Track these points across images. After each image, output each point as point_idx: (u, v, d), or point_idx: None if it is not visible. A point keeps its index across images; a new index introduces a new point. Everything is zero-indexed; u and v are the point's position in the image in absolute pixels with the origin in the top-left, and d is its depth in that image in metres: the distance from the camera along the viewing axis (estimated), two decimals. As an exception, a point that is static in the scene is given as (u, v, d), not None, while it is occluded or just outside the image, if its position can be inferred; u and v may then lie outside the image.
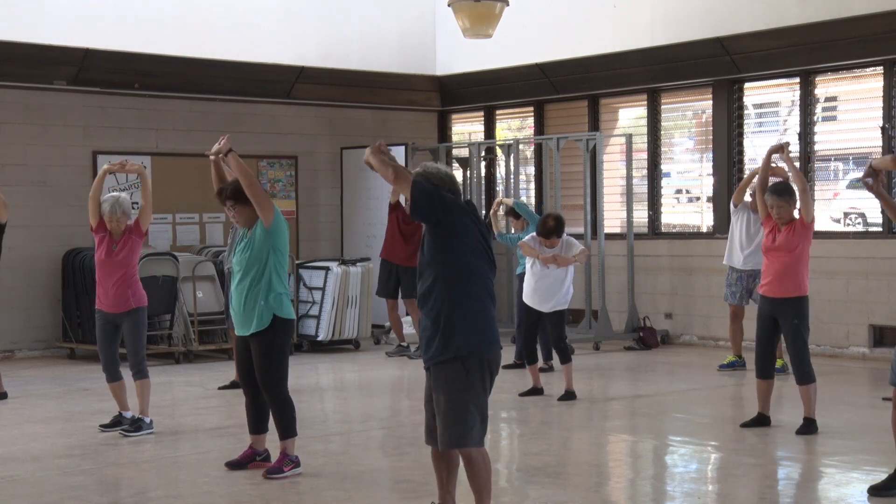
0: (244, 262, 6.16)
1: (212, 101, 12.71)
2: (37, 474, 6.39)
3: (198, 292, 11.48)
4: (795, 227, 7.27)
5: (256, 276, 6.10)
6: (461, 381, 4.75)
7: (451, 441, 4.78)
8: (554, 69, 13.00)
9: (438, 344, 4.76)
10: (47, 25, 11.38)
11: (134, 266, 7.47)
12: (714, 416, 8.25)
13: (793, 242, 7.24)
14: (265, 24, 12.85)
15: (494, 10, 10.95)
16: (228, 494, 5.93)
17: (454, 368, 4.75)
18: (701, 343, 12.05)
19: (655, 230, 12.61)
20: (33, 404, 8.82)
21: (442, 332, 4.75)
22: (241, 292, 6.14)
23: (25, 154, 11.69)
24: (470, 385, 4.77)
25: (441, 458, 5.00)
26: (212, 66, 12.36)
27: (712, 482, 6.38)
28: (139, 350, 7.47)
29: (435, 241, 4.79)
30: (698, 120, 12.63)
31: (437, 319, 4.76)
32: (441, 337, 4.75)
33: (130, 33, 11.83)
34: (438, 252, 4.77)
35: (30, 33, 11.25)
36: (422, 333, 4.91)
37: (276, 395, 6.19)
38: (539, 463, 6.63)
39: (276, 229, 6.13)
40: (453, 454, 4.95)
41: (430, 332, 4.81)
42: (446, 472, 5.04)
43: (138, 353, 7.46)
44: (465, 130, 14.74)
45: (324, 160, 13.65)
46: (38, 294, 11.73)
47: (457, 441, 4.77)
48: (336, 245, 13.63)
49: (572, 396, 8.65)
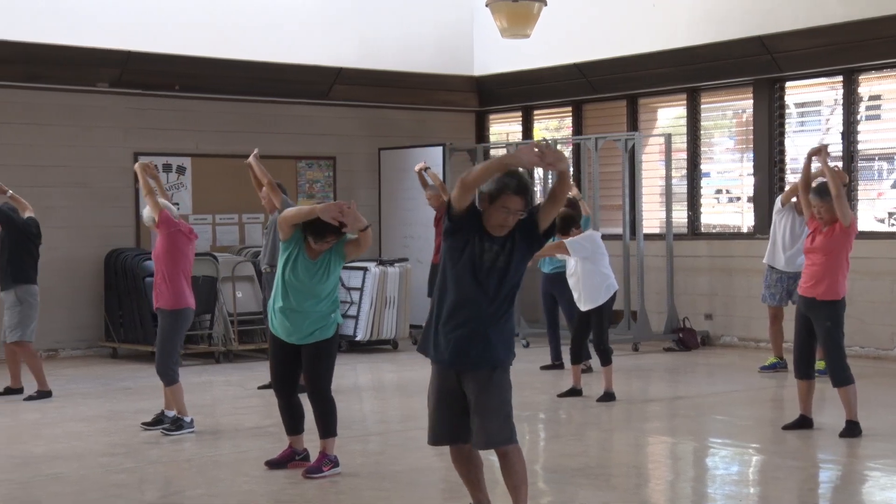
0: (324, 289, 6.15)
1: (251, 103, 12.79)
2: (80, 472, 6.46)
3: (237, 292, 11.55)
4: (835, 229, 7.17)
5: (332, 295, 6.21)
6: (508, 383, 4.89)
7: (502, 439, 4.82)
8: (592, 69, 12.94)
9: (492, 349, 4.80)
10: (90, 29, 11.50)
11: (163, 263, 7.40)
12: (755, 417, 8.17)
13: (830, 245, 7.15)
14: (304, 26, 12.91)
15: (532, 10, 10.92)
16: (268, 494, 5.95)
17: (505, 371, 4.88)
18: (741, 344, 11.94)
19: (695, 230, 12.52)
20: (76, 403, 8.92)
21: (493, 336, 4.81)
22: (313, 306, 6.12)
23: (67, 155, 11.83)
24: (510, 386, 4.92)
25: (468, 459, 5.01)
26: (251, 67, 12.44)
27: (753, 485, 6.32)
28: (159, 353, 7.45)
29: (524, 255, 4.84)
30: (738, 119, 12.52)
31: (494, 326, 4.80)
32: (495, 343, 4.81)
33: (171, 36, 11.94)
34: (522, 265, 4.84)
35: (73, 37, 11.38)
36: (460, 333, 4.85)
37: (326, 396, 6.25)
38: (578, 464, 6.60)
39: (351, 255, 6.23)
40: (476, 454, 5.00)
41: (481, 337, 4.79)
42: (475, 470, 5.05)
43: (158, 355, 7.46)
44: (502, 131, 14.72)
45: (362, 161, 13.69)
46: (81, 294, 11.86)
47: (506, 439, 4.82)
48: (374, 245, 13.66)
49: (611, 398, 8.61)
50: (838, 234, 7.17)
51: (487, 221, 4.76)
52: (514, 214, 4.71)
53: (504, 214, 4.71)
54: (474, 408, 4.83)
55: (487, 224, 4.76)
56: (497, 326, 4.81)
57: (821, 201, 7.18)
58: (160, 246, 7.44)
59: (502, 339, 4.84)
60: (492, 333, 4.80)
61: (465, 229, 4.77)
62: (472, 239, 4.77)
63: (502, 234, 4.77)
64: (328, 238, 6.05)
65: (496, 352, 4.82)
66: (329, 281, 6.18)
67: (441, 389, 4.91)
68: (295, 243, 6.13)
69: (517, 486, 4.87)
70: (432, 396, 4.96)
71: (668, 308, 11.98)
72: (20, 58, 11.22)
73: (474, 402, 4.83)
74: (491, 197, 4.72)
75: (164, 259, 7.40)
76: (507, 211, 4.70)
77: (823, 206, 7.18)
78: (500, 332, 4.83)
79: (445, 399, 4.91)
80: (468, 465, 5.03)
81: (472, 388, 4.83)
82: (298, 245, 6.13)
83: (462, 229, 4.77)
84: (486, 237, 4.77)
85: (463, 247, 4.78)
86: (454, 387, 4.88)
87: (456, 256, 4.80)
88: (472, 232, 4.77)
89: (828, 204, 7.18)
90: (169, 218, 7.42)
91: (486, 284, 4.76)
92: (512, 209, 4.69)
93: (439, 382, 4.92)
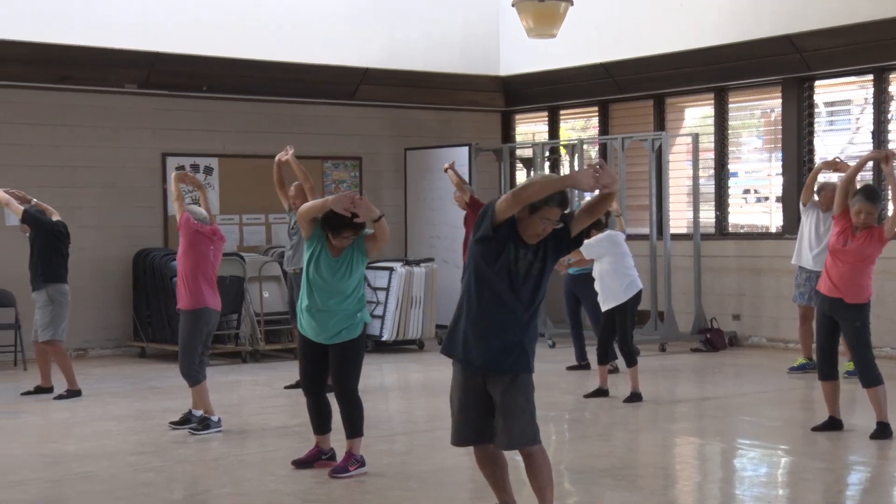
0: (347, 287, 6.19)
1: (277, 103, 12.84)
2: (109, 471, 6.50)
3: (264, 292, 11.60)
4: (873, 234, 6.98)
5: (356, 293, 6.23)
6: (531, 385, 4.92)
7: (527, 439, 4.84)
8: (619, 68, 12.90)
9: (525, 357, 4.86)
10: (118, 31, 11.59)
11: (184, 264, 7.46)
12: (784, 419, 8.11)
13: (867, 250, 6.99)
14: (330, 27, 12.94)
15: (559, 10, 10.90)
16: (295, 493, 5.97)
17: (530, 375, 4.91)
18: (770, 345, 11.86)
19: (722, 230, 12.45)
20: (105, 402, 8.98)
21: (527, 344, 4.87)
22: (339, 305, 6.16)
23: (97, 156, 11.91)
24: (534, 387, 4.94)
25: (494, 460, 5.01)
26: (277, 68, 12.49)
27: (782, 486, 6.27)
28: (181, 352, 7.48)
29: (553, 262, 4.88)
30: (767, 119, 12.43)
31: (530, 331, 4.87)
32: (529, 350, 4.88)
33: (198, 37, 12.00)
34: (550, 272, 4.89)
35: (102, 38, 11.46)
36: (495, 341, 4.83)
37: (352, 396, 6.26)
38: (605, 465, 6.57)
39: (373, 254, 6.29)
40: (501, 455, 5.01)
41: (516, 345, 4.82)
42: (500, 471, 5.05)
43: (180, 355, 7.50)
44: (528, 131, 14.69)
45: (388, 161, 13.71)
46: (110, 294, 11.95)
47: (531, 440, 4.84)
48: (400, 246, 13.67)
49: (638, 398, 8.58)
50: (876, 240, 6.98)
51: (524, 230, 4.78)
52: (551, 225, 4.78)
53: (543, 225, 4.77)
54: (499, 409, 4.83)
55: (524, 233, 4.78)
56: (529, 333, 4.88)
57: (872, 205, 6.96)
58: (181, 247, 7.51)
59: (533, 346, 4.91)
60: (526, 341, 4.87)
61: (502, 237, 4.80)
62: (508, 246, 4.79)
63: (535, 242, 4.81)
64: (345, 233, 6.10)
65: (529, 359, 4.89)
66: (352, 278, 6.20)
67: (466, 390, 4.91)
68: (317, 241, 6.19)
69: (543, 487, 4.87)
70: (456, 397, 4.95)
71: (695, 308, 11.92)
72: (50, 60, 11.32)
73: (499, 404, 4.83)
74: (533, 208, 4.73)
75: (184, 260, 7.48)
76: (547, 222, 4.76)
77: (872, 210, 6.98)
78: (532, 338, 4.90)
79: (471, 400, 4.91)
80: (493, 465, 5.03)
81: (498, 390, 4.84)
82: (321, 243, 6.18)
83: (500, 237, 4.80)
84: (521, 245, 4.80)
85: (498, 254, 4.79)
86: (480, 388, 4.88)
87: (490, 262, 4.80)
88: (509, 239, 4.79)
89: (875, 209, 7.01)
90: (188, 220, 7.49)
91: (521, 292, 4.80)
92: (552, 220, 4.76)
93: (465, 383, 4.92)
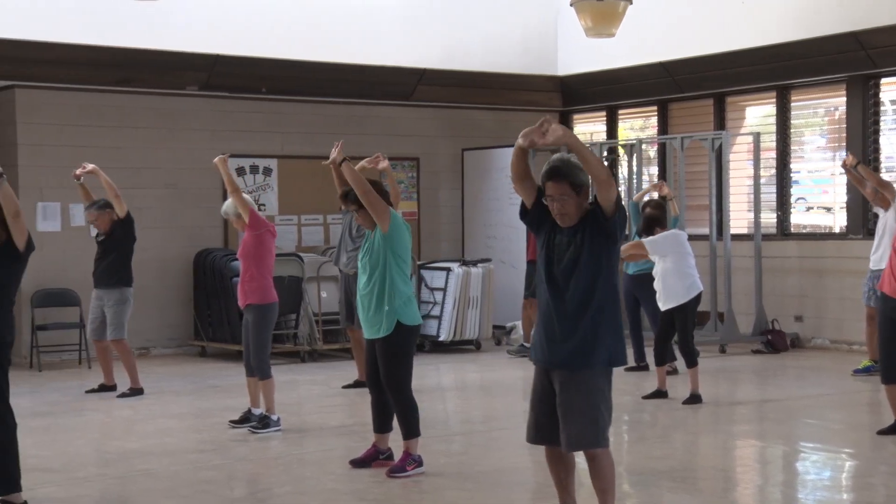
0: (367, 265, 6.26)
1: (335, 104, 12.91)
2: (170, 468, 6.58)
3: (322, 292, 11.68)
4: None
5: (378, 279, 6.17)
6: (601, 386, 4.77)
7: (587, 442, 4.76)
8: (678, 67, 12.76)
9: (581, 349, 4.72)
10: (179, 33, 11.73)
11: (253, 262, 7.53)
12: (848, 422, 7.96)
13: None
14: (388, 28, 12.98)
15: (618, 9, 10.81)
16: (352, 492, 5.99)
17: (598, 374, 4.76)
18: (833, 347, 11.65)
19: (784, 231, 12.26)
20: (167, 400, 9.10)
21: (588, 338, 4.71)
22: (367, 296, 6.22)
23: (158, 157, 12.08)
24: (605, 388, 4.81)
25: (560, 459, 4.95)
26: (335, 69, 12.56)
27: (846, 490, 6.16)
28: (254, 347, 7.55)
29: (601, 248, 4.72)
30: (831, 117, 12.22)
31: (584, 325, 4.71)
32: (585, 342, 4.71)
33: (257, 39, 12.11)
34: (600, 259, 4.71)
35: (162, 41, 11.62)
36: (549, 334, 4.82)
37: (401, 396, 6.24)
38: (664, 467, 6.50)
39: (392, 235, 6.20)
40: (570, 455, 4.92)
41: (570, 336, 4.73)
42: (565, 472, 4.99)
43: (252, 350, 7.55)
44: (586, 131, 14.61)
45: (445, 161, 13.72)
46: (171, 294, 12.11)
47: (592, 442, 4.76)
48: (457, 246, 13.68)
49: (698, 400, 8.48)
50: None
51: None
52: (558, 200, 4.70)
53: (551, 202, 4.73)
54: (558, 407, 4.80)
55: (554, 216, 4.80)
56: (586, 326, 4.70)
57: None
58: (249, 245, 7.55)
59: (583, 339, 4.70)
60: (565, 331, 4.71)
61: (538, 223, 4.81)
62: (544, 230, 4.80)
63: (567, 224, 4.73)
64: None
65: (588, 356, 4.71)
66: (371, 258, 6.19)
67: (534, 388, 4.92)
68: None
69: (604, 489, 4.83)
70: (531, 394, 4.96)
71: (756, 309, 11.75)
72: (112, 62, 11.50)
73: (558, 402, 4.80)
74: (540, 190, 4.78)
75: (252, 257, 7.54)
76: (551, 199, 4.72)
77: None
78: (593, 333, 4.70)
79: (536, 398, 4.90)
80: (558, 465, 4.97)
81: (557, 388, 4.81)
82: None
83: (535, 224, 4.83)
84: (557, 229, 4.78)
85: (542, 242, 4.82)
86: (546, 385, 4.85)
87: (539, 252, 4.85)
88: (546, 225, 4.80)
89: None
90: (260, 219, 7.58)
91: (559, 279, 4.72)
92: (555, 195, 4.69)
93: (535, 380, 4.93)
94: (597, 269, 4.71)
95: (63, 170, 11.42)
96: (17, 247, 5.31)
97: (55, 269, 11.33)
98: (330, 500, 5.87)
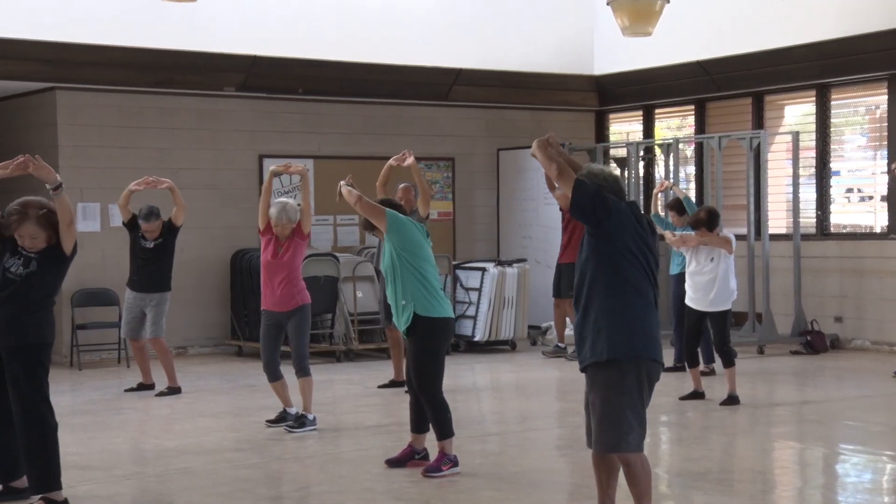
0: (386, 269, 6.44)
1: (371, 105, 12.95)
2: (208, 467, 6.64)
3: (358, 292, 11.71)
4: None
5: (394, 277, 6.31)
6: (617, 385, 4.69)
7: (607, 445, 4.72)
8: (716, 66, 12.67)
9: (593, 345, 4.70)
10: (217, 35, 11.82)
11: (298, 267, 7.70)
12: (889, 424, 7.86)
13: None
14: (424, 28, 13.00)
15: (655, 8, 10.73)
16: (388, 492, 6.01)
17: (610, 371, 4.69)
18: (874, 348, 11.51)
19: (824, 231, 12.13)
20: (204, 399, 9.18)
21: (597, 333, 4.69)
22: (392, 296, 6.39)
23: (197, 158, 12.18)
24: (626, 389, 4.69)
25: (601, 462, 4.92)
26: (372, 70, 12.60)
27: (888, 493, 6.08)
28: (302, 347, 7.66)
29: (593, 242, 4.75)
30: (872, 116, 12.08)
31: (592, 321, 4.71)
32: (596, 338, 4.69)
33: (294, 40, 12.18)
34: (596, 253, 4.74)
35: (201, 43, 11.72)
36: (577, 334, 4.85)
37: (430, 397, 6.26)
38: (701, 469, 6.46)
39: (393, 233, 6.28)
40: (613, 458, 4.87)
41: (584, 333, 4.76)
42: (606, 475, 4.95)
43: (301, 350, 7.65)
44: (622, 130, 14.54)
45: (481, 161, 13.71)
46: (209, 293, 12.20)
47: (613, 446, 4.71)
48: (492, 246, 13.67)
49: (735, 401, 8.41)
50: None
51: None
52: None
53: None
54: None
55: None
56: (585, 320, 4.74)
57: None
58: (295, 248, 7.63)
59: (592, 335, 4.69)
60: (582, 329, 4.76)
61: None
62: None
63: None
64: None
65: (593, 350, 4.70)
66: (385, 260, 6.38)
67: (586, 390, 4.92)
68: None
69: (640, 495, 4.80)
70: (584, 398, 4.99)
71: (795, 310, 11.64)
72: (152, 64, 11.61)
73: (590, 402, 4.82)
74: None
75: (291, 264, 7.63)
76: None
77: None
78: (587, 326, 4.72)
79: (586, 399, 4.91)
80: (601, 467, 4.94)
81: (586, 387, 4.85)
82: None
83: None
84: None
85: None
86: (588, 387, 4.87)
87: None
88: None
89: None
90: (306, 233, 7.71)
91: None
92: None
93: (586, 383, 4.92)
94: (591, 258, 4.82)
95: (103, 171, 11.57)
96: (64, 251, 5.53)
97: (94, 268, 11.46)
98: (366, 499, 5.89)
